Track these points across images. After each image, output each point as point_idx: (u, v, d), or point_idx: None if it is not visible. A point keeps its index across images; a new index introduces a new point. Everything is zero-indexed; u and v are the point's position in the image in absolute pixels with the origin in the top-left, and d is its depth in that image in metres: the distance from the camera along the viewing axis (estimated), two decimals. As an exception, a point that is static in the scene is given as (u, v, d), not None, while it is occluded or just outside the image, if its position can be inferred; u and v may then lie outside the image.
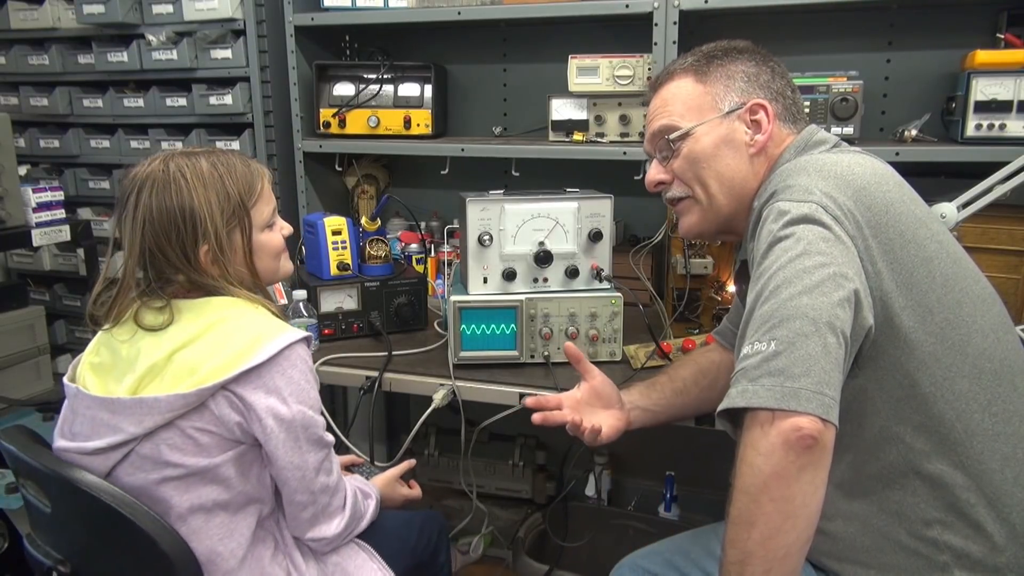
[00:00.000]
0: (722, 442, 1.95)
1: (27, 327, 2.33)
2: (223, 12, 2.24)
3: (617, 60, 1.94)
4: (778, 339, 0.90)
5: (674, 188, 1.24)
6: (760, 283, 0.97)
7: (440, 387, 1.62)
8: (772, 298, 0.93)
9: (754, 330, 0.94)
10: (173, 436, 1.11)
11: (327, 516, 1.23)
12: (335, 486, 1.23)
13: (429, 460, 2.51)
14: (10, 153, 2.08)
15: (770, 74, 1.20)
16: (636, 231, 2.26)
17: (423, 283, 1.95)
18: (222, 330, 1.14)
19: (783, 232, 0.97)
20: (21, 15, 2.52)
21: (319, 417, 1.18)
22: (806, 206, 0.98)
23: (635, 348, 1.70)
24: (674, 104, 1.21)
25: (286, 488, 1.18)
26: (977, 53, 1.71)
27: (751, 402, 0.89)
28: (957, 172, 1.71)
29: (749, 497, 0.88)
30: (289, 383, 1.13)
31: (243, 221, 1.21)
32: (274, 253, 1.29)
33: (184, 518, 1.13)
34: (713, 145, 1.18)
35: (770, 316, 0.92)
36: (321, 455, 1.19)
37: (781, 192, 1.04)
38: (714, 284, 1.82)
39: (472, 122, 2.43)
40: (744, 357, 0.93)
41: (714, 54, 1.21)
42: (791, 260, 0.94)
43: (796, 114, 1.21)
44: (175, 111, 2.39)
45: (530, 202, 1.64)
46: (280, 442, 1.13)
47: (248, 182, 1.23)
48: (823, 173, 1.03)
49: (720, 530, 1.40)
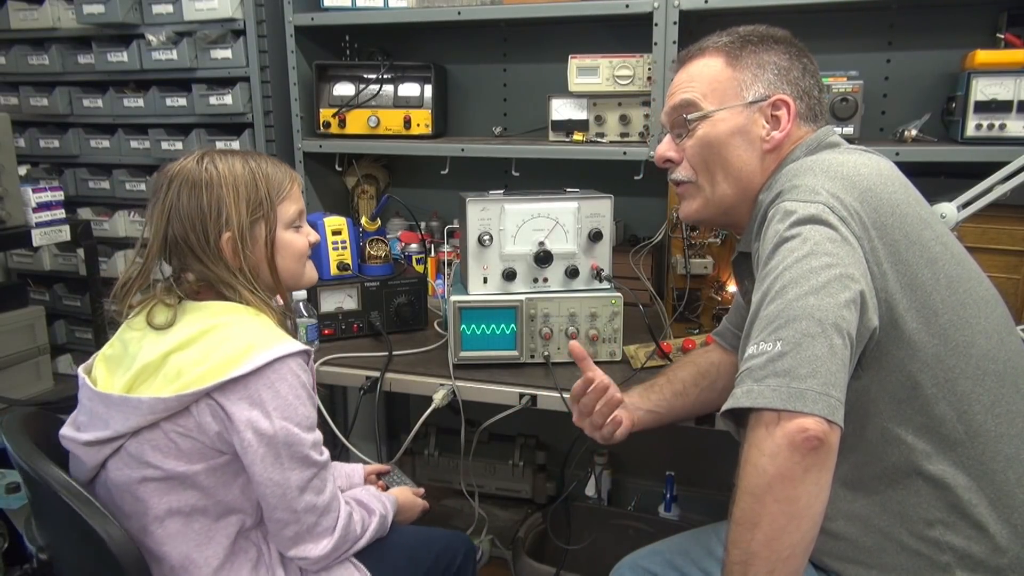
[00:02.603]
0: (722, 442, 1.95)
1: (27, 327, 2.33)
2: (223, 12, 2.24)
3: (617, 60, 1.94)
4: (784, 339, 0.90)
5: (680, 170, 1.22)
6: (766, 283, 0.96)
7: (440, 387, 1.62)
8: (778, 298, 0.93)
9: (760, 330, 0.93)
10: (157, 438, 1.11)
11: (313, 536, 1.17)
12: (324, 506, 1.17)
13: (429, 460, 2.51)
14: (10, 153, 2.08)
15: (801, 71, 1.17)
16: (636, 231, 2.26)
17: (423, 283, 1.95)
18: (216, 336, 1.12)
19: (790, 232, 0.97)
20: (21, 15, 2.52)
21: (307, 435, 1.13)
22: (812, 206, 0.98)
23: (635, 348, 1.70)
24: (699, 82, 1.18)
25: (265, 504, 1.14)
26: (977, 53, 1.71)
27: (756, 402, 0.89)
28: (957, 172, 1.71)
29: (753, 498, 0.88)
30: (275, 397, 1.10)
31: (268, 215, 1.22)
32: (297, 255, 1.29)
33: (161, 520, 1.13)
34: (728, 133, 1.15)
35: (776, 316, 0.92)
36: (307, 474, 1.13)
37: (788, 192, 1.03)
38: (714, 284, 1.82)
39: (472, 122, 2.43)
40: (749, 357, 0.93)
41: (750, 39, 1.18)
42: (797, 260, 0.94)
43: (818, 115, 1.19)
44: (175, 111, 2.39)
45: (530, 202, 1.64)
46: (259, 457, 1.09)
47: (278, 180, 1.25)
48: (829, 173, 1.03)
49: (721, 530, 1.41)
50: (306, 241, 1.31)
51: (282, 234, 1.25)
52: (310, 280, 1.34)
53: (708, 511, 2.31)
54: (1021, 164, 1.45)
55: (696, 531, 1.44)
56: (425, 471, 2.50)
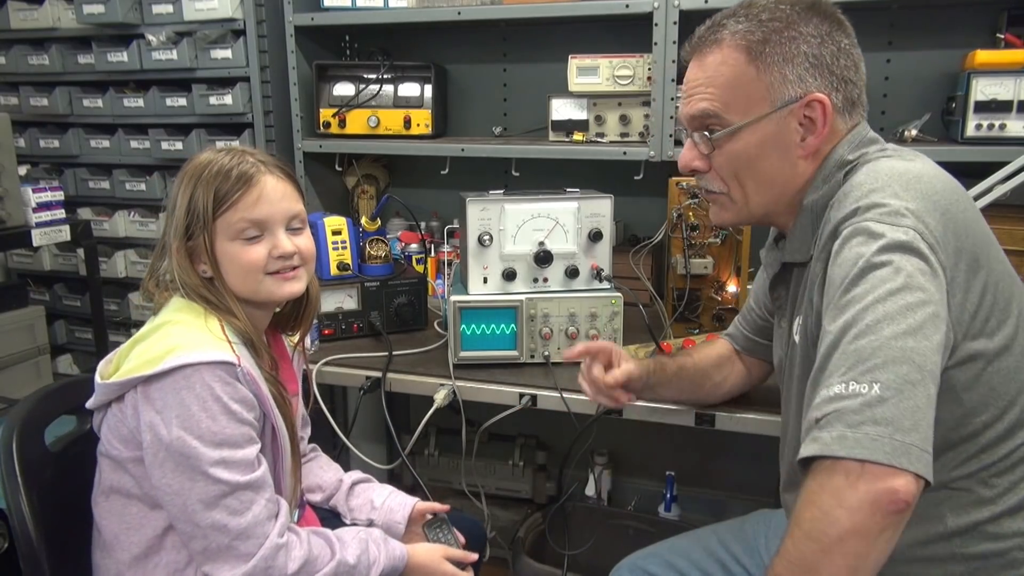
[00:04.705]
0: (722, 442, 1.95)
1: (27, 327, 2.33)
2: (223, 12, 2.24)
3: (617, 60, 1.94)
4: (883, 383, 0.81)
5: (709, 180, 1.13)
6: (850, 312, 0.87)
7: (441, 387, 1.62)
8: (870, 334, 0.84)
9: (848, 367, 0.84)
10: (110, 417, 1.14)
11: (225, 559, 1.07)
12: (241, 530, 1.07)
13: (429, 460, 2.51)
14: (10, 153, 2.08)
15: (835, 51, 1.03)
16: (636, 231, 2.26)
17: (423, 283, 1.95)
18: (159, 333, 1.11)
19: (880, 259, 0.88)
20: (21, 15, 2.52)
21: (208, 451, 1.05)
22: (901, 231, 0.89)
23: (635, 348, 1.70)
24: (719, 87, 1.05)
25: (167, 511, 1.09)
26: (977, 53, 1.71)
27: (853, 452, 0.79)
28: (957, 172, 1.70)
29: (818, 546, 0.81)
30: (179, 405, 1.04)
31: (206, 226, 1.13)
32: (242, 269, 1.15)
33: (106, 494, 1.16)
34: (758, 145, 1.05)
35: (871, 354, 0.83)
36: (213, 490, 1.05)
37: (868, 210, 0.93)
38: (714, 284, 1.82)
39: (472, 122, 2.43)
40: (837, 397, 0.83)
41: (775, 27, 1.02)
42: (891, 294, 0.86)
43: (855, 101, 1.07)
44: (175, 111, 2.39)
45: (530, 202, 1.64)
46: (158, 461, 1.06)
47: (228, 186, 1.13)
48: (909, 190, 0.94)
49: (721, 531, 1.41)
50: (262, 254, 1.15)
51: (224, 245, 1.14)
52: (269, 295, 1.18)
53: (708, 511, 2.31)
54: (1021, 164, 1.45)
55: (695, 532, 1.44)
56: (425, 471, 2.50)
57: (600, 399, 1.40)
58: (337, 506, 1.45)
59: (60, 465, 1.24)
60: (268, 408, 1.15)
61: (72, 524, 1.22)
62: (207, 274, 1.16)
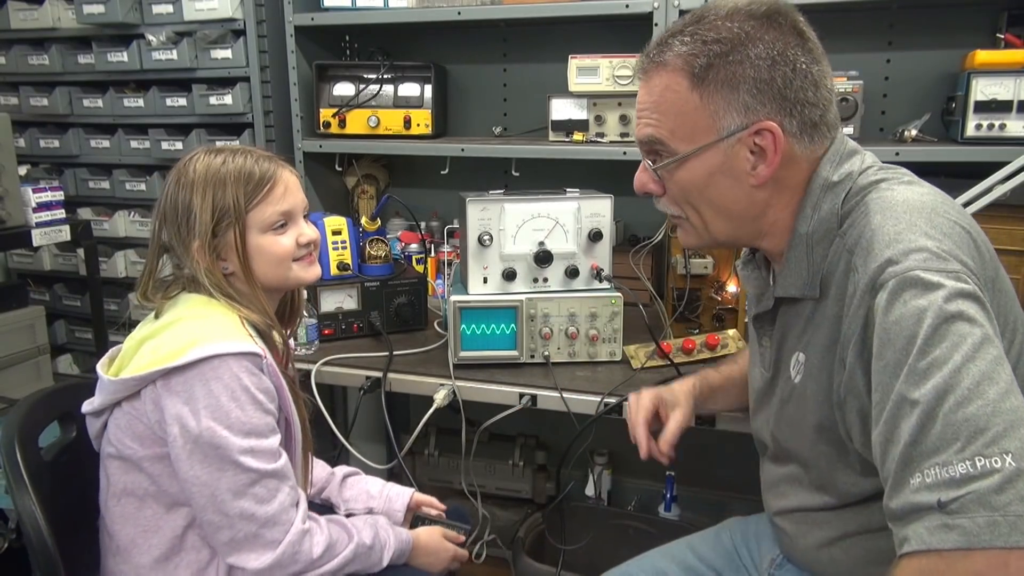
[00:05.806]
0: (722, 442, 1.94)
1: (27, 327, 2.33)
2: (223, 12, 2.24)
3: (617, 60, 1.93)
4: (1015, 453, 0.73)
5: (666, 204, 1.08)
6: (938, 377, 0.78)
7: (441, 387, 1.62)
8: (977, 399, 0.76)
9: (966, 441, 0.75)
10: (120, 416, 1.15)
11: (253, 547, 1.10)
12: (268, 518, 1.10)
13: (429, 460, 2.51)
14: (10, 153, 2.08)
15: (790, 72, 0.95)
16: (636, 231, 2.26)
17: (423, 283, 1.95)
18: (176, 328, 1.13)
19: (952, 310, 0.80)
20: (21, 15, 2.52)
21: (238, 440, 1.08)
22: (957, 279, 0.82)
23: (635, 348, 1.70)
24: (663, 113, 1.00)
25: (193, 503, 1.10)
26: (977, 53, 1.71)
27: (1011, 540, 0.70)
28: (957, 172, 1.71)
29: None
30: (208, 396, 1.07)
31: (239, 222, 1.18)
32: (275, 259, 1.22)
33: (118, 498, 1.15)
34: (707, 175, 1.00)
35: (987, 422, 0.75)
36: (241, 479, 1.08)
37: (905, 256, 0.85)
38: (714, 284, 1.82)
39: (472, 122, 2.43)
40: (966, 479, 0.73)
41: (719, 51, 0.95)
42: (976, 350, 0.78)
43: (816, 123, 0.98)
44: (175, 111, 2.39)
45: (530, 202, 1.64)
46: (186, 454, 1.07)
47: (255, 183, 1.19)
48: (935, 227, 0.88)
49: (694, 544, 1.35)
50: (290, 243, 1.23)
51: (257, 239, 1.20)
52: (297, 280, 1.27)
53: (708, 511, 2.31)
54: (1021, 164, 1.45)
55: (668, 548, 1.38)
56: (425, 471, 2.50)
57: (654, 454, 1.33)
58: (330, 498, 1.49)
59: (55, 473, 1.23)
60: (285, 401, 1.19)
61: (75, 534, 1.20)
62: (228, 270, 1.20)
